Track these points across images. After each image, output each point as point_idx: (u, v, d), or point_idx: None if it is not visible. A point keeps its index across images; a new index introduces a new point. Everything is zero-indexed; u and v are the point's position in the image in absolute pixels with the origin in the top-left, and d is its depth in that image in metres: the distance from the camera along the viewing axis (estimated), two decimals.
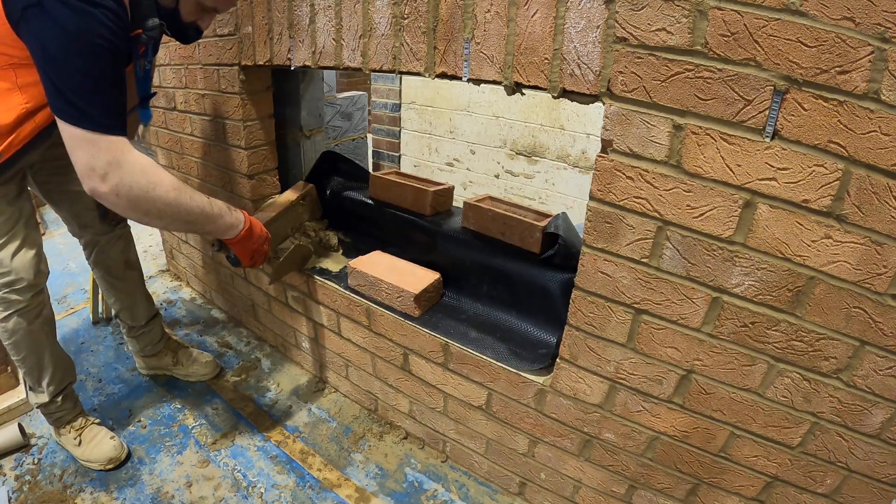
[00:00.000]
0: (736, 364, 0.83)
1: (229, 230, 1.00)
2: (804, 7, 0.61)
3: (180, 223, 0.93)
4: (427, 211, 1.40)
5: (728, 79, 0.68)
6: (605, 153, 0.82)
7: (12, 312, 1.10)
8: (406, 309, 1.25)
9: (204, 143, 1.63)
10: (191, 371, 1.56)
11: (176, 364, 1.57)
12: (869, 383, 0.74)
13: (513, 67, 0.86)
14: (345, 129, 2.40)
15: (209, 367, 1.57)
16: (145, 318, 1.51)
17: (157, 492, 1.22)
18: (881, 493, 0.80)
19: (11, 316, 1.10)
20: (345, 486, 1.26)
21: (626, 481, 1.05)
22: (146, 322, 1.52)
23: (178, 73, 1.62)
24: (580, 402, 1.02)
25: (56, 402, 1.25)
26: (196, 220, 0.93)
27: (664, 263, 0.82)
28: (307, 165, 1.73)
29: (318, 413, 1.51)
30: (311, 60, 1.17)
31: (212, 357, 1.60)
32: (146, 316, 1.51)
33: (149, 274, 2.28)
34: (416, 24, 0.96)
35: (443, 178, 3.22)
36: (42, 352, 1.18)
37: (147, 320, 1.52)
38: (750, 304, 0.78)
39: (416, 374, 1.29)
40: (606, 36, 0.75)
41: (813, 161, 0.67)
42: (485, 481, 1.30)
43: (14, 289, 1.07)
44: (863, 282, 0.70)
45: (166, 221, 0.92)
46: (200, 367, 1.55)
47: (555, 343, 1.11)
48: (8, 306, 1.09)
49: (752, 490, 0.91)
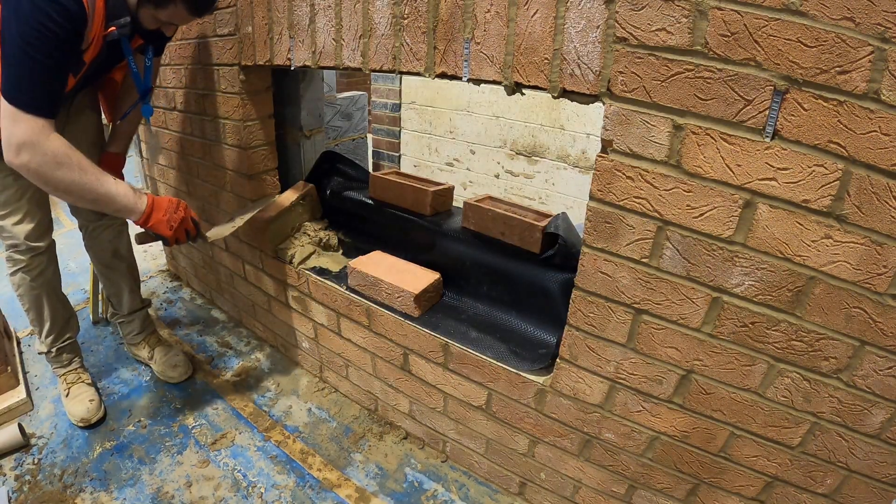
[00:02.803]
0: (736, 364, 0.83)
1: (134, 210, 1.09)
2: (804, 7, 0.61)
3: (87, 201, 1.04)
4: (427, 211, 1.40)
5: (728, 79, 0.68)
6: (605, 153, 0.82)
7: (17, 269, 1.31)
8: (406, 309, 1.25)
9: (204, 143, 1.63)
10: (159, 370, 1.60)
11: (151, 359, 1.63)
12: (869, 383, 0.74)
13: (513, 67, 0.86)
14: (345, 129, 2.40)
15: (177, 371, 1.58)
16: (128, 309, 1.61)
17: (157, 492, 1.22)
18: (881, 493, 0.80)
19: (17, 272, 1.32)
20: (345, 486, 1.26)
21: (626, 481, 1.05)
22: (129, 313, 1.62)
23: (178, 73, 1.62)
24: (580, 402, 1.02)
25: (52, 353, 1.45)
26: (100, 199, 1.04)
27: (664, 263, 0.82)
28: (307, 165, 1.73)
29: (318, 413, 1.51)
30: (311, 60, 1.17)
31: (183, 362, 1.60)
32: (129, 307, 1.61)
33: (149, 274, 2.28)
34: (416, 24, 0.96)
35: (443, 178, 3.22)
36: (42, 307, 1.38)
37: (130, 311, 1.61)
38: (750, 304, 0.78)
39: (416, 374, 1.29)
40: (606, 36, 0.75)
41: (813, 161, 0.67)
42: (485, 481, 1.30)
43: (17, 249, 1.28)
44: (863, 282, 0.70)
45: (73, 198, 1.04)
46: (168, 370, 1.58)
47: (555, 343, 1.11)
48: (14, 264, 1.31)
49: (752, 490, 0.91)
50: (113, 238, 1.50)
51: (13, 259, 1.30)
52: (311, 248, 1.53)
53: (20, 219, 1.24)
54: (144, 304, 1.66)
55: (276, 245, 1.52)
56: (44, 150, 0.94)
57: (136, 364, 1.67)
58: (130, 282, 1.59)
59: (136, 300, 1.63)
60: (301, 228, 1.58)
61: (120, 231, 1.52)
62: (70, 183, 0.98)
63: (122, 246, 1.54)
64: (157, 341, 1.67)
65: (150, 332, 1.67)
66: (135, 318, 1.63)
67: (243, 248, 1.67)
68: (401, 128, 3.37)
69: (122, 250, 1.54)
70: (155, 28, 1.07)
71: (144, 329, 1.66)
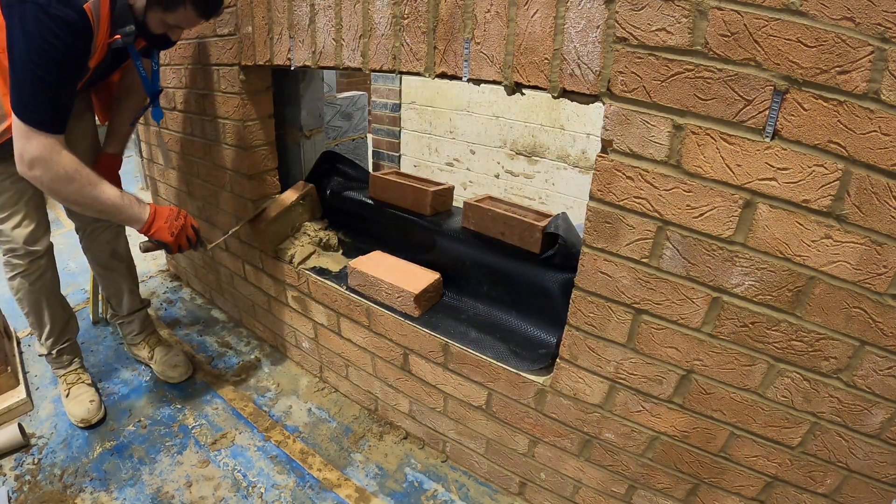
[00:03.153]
0: (736, 364, 0.83)
1: (138, 219, 1.14)
2: (804, 7, 0.61)
3: (94, 212, 1.11)
4: (427, 211, 1.40)
5: (728, 79, 0.68)
6: (605, 153, 0.82)
7: (16, 274, 1.30)
8: (406, 309, 1.25)
9: (204, 143, 1.63)
10: (159, 370, 1.60)
11: (151, 360, 1.63)
12: (869, 383, 0.74)
13: (513, 67, 0.86)
14: (345, 129, 2.40)
15: (177, 371, 1.58)
16: (128, 310, 1.61)
17: (157, 492, 1.22)
18: (881, 493, 0.80)
19: (16, 277, 1.31)
20: (345, 486, 1.26)
21: (626, 481, 1.05)
22: (128, 313, 1.61)
23: (178, 73, 1.62)
24: (580, 402, 1.02)
25: (52, 355, 1.45)
26: (106, 211, 1.10)
27: (664, 263, 0.82)
28: (307, 165, 1.73)
29: (318, 413, 1.51)
30: (311, 60, 1.17)
31: (183, 362, 1.60)
32: (129, 308, 1.61)
33: (149, 274, 2.28)
34: (416, 24, 0.96)
35: (443, 178, 3.22)
36: (41, 310, 1.38)
37: (129, 312, 1.61)
38: (750, 304, 0.78)
39: (416, 374, 1.29)
40: (606, 36, 0.75)
41: (813, 161, 0.67)
42: (485, 481, 1.30)
43: (15, 254, 1.27)
44: (863, 282, 0.70)
45: (81, 208, 1.09)
46: (168, 370, 1.58)
47: (555, 343, 1.11)
48: (12, 269, 1.30)
49: (752, 490, 0.91)
50: (111, 239, 1.50)
51: (11, 264, 1.29)
52: (311, 248, 1.53)
53: (18, 222, 1.23)
54: (144, 305, 1.66)
55: (276, 245, 1.52)
56: (55, 167, 0.98)
57: (136, 364, 1.67)
58: (129, 282, 1.59)
59: (136, 301, 1.63)
60: (301, 228, 1.58)
61: (118, 232, 1.52)
62: (79, 196, 1.05)
63: (121, 247, 1.54)
64: (157, 341, 1.67)
65: (149, 333, 1.67)
66: (134, 319, 1.63)
67: (243, 248, 1.67)
68: (401, 128, 3.37)
69: (120, 251, 1.54)
70: (161, 32, 1.08)
71: (144, 329, 1.66)
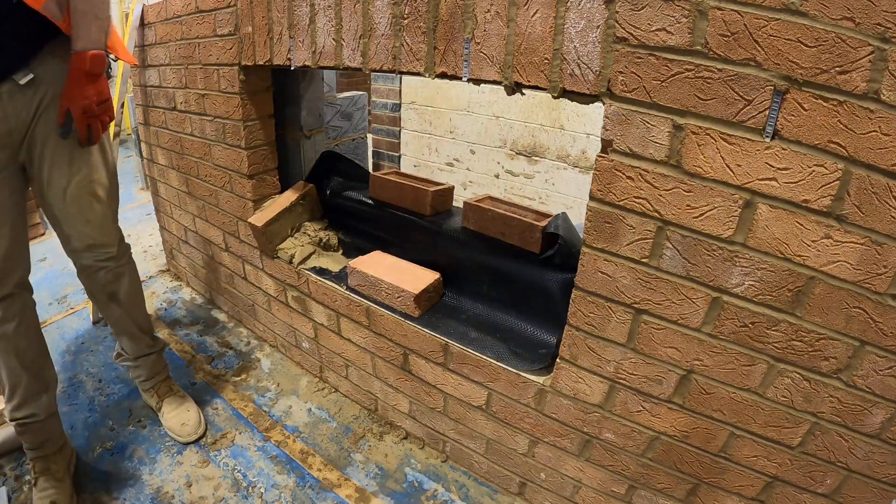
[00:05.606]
0: (736, 364, 0.83)
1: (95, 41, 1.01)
2: (804, 7, 0.61)
3: None
4: (427, 211, 1.40)
5: (728, 79, 0.68)
6: (605, 153, 0.82)
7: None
8: (406, 309, 1.25)
9: (204, 143, 1.63)
10: (167, 427, 1.41)
11: (158, 411, 1.44)
12: (869, 383, 0.74)
13: (513, 67, 0.86)
14: (345, 129, 2.40)
15: (185, 430, 1.38)
16: (133, 354, 1.41)
17: (157, 492, 1.22)
18: (881, 493, 0.80)
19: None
20: (345, 486, 1.26)
21: (626, 481, 1.05)
22: (134, 358, 1.42)
23: (178, 73, 1.62)
24: (580, 402, 1.02)
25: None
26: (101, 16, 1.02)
27: (664, 263, 0.82)
28: (307, 165, 1.73)
29: (318, 413, 1.51)
30: (311, 60, 1.17)
31: (193, 420, 1.40)
32: (134, 353, 1.41)
33: (149, 274, 2.28)
34: (416, 24, 0.96)
35: (443, 178, 3.22)
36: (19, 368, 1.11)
37: (135, 357, 1.41)
38: (750, 304, 0.78)
39: (416, 374, 1.29)
40: (606, 36, 0.75)
41: (813, 161, 0.67)
42: (485, 481, 1.30)
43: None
44: (863, 282, 0.70)
45: None
46: (176, 427, 1.39)
47: (555, 343, 1.11)
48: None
49: (752, 490, 0.91)
50: (109, 282, 1.27)
51: None
52: (311, 248, 1.54)
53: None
54: (152, 350, 1.43)
55: (276, 245, 1.52)
56: None
57: None
58: (131, 328, 1.36)
59: (141, 346, 1.40)
60: (301, 228, 1.58)
61: (117, 274, 1.28)
62: None
63: (121, 290, 1.30)
64: (168, 390, 1.45)
65: (160, 380, 1.46)
66: (142, 363, 1.42)
67: (243, 247, 1.67)
68: (401, 128, 3.36)
69: (119, 295, 1.30)
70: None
71: (153, 376, 1.44)
